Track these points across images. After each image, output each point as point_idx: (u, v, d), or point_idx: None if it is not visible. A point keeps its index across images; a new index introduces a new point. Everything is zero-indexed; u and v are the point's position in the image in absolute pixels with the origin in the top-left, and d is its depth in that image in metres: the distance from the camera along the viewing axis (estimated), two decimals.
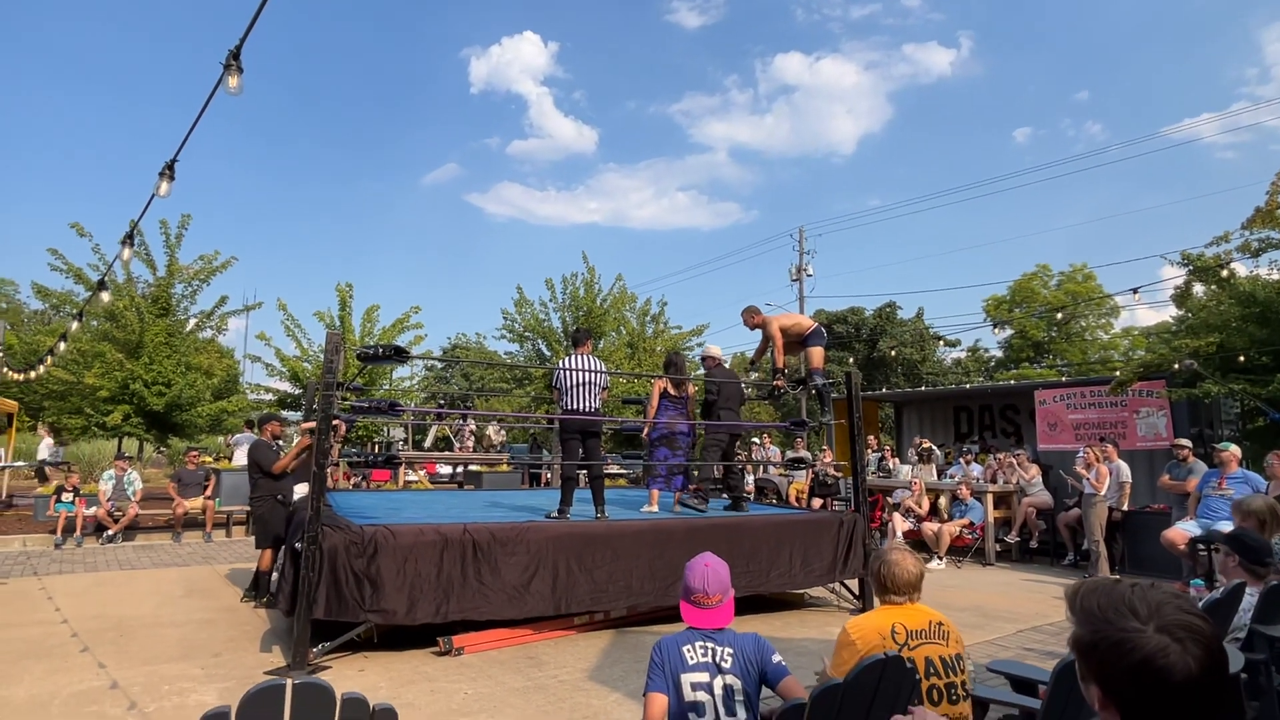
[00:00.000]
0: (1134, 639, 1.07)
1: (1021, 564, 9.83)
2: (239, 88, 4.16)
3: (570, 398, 6.25)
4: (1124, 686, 1.09)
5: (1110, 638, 1.10)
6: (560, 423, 6.52)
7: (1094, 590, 1.20)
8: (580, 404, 6.24)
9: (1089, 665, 1.15)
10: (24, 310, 36.03)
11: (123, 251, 7.82)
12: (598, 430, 6.55)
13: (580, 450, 6.39)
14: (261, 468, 6.87)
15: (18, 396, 16.63)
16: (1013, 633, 6.04)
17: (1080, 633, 1.16)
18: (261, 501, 6.93)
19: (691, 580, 2.54)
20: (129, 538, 10.55)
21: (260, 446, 7.01)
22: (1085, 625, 1.15)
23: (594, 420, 6.38)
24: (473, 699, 4.28)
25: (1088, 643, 1.14)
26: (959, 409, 13.94)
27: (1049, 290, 35.91)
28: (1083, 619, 1.17)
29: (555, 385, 6.43)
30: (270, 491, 6.90)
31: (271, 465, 6.84)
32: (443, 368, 40.87)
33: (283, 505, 6.93)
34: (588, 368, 6.27)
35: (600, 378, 6.35)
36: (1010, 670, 3.24)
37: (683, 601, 2.56)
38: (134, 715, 3.97)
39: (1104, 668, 1.12)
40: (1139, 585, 1.17)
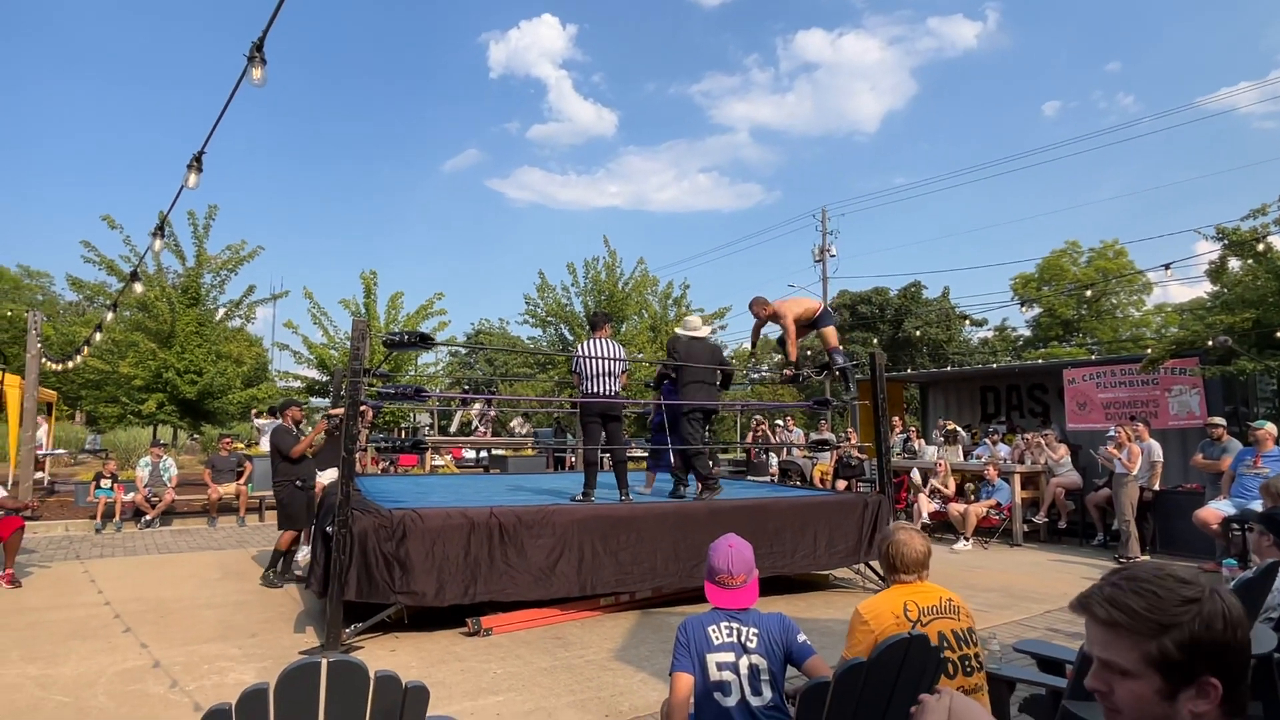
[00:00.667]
0: (1209, 604, 1.06)
1: (1050, 545, 9.74)
2: (263, 79, 4.20)
3: (591, 382, 6.29)
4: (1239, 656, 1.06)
5: (1208, 610, 1.05)
6: (581, 406, 6.55)
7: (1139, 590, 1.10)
8: (600, 387, 6.27)
9: (1200, 657, 1.04)
10: (59, 302, 36.85)
11: (154, 243, 7.96)
12: (619, 413, 6.56)
13: (602, 434, 6.42)
14: (281, 452, 6.98)
15: (56, 386, 17.07)
16: (1040, 613, 6.00)
17: (1175, 634, 1.05)
18: (282, 486, 7.05)
19: (716, 561, 2.55)
20: (166, 522, 10.82)
21: (281, 432, 7.11)
22: (1174, 620, 1.05)
23: (614, 403, 6.40)
24: (502, 678, 4.35)
25: (1193, 633, 1.04)
26: (986, 389, 13.78)
27: (1078, 267, 35.26)
28: (1163, 617, 1.06)
29: (575, 369, 6.46)
30: (290, 476, 7.01)
31: (290, 450, 6.95)
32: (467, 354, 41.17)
33: (301, 490, 7.04)
34: (607, 353, 6.29)
35: (620, 362, 6.37)
36: (1037, 650, 3.23)
37: (707, 582, 2.57)
38: (176, 693, 4.09)
39: (1216, 649, 1.04)
40: (1143, 566, 1.15)
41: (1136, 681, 1.08)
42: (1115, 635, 1.10)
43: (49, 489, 13.59)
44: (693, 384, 6.67)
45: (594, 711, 3.86)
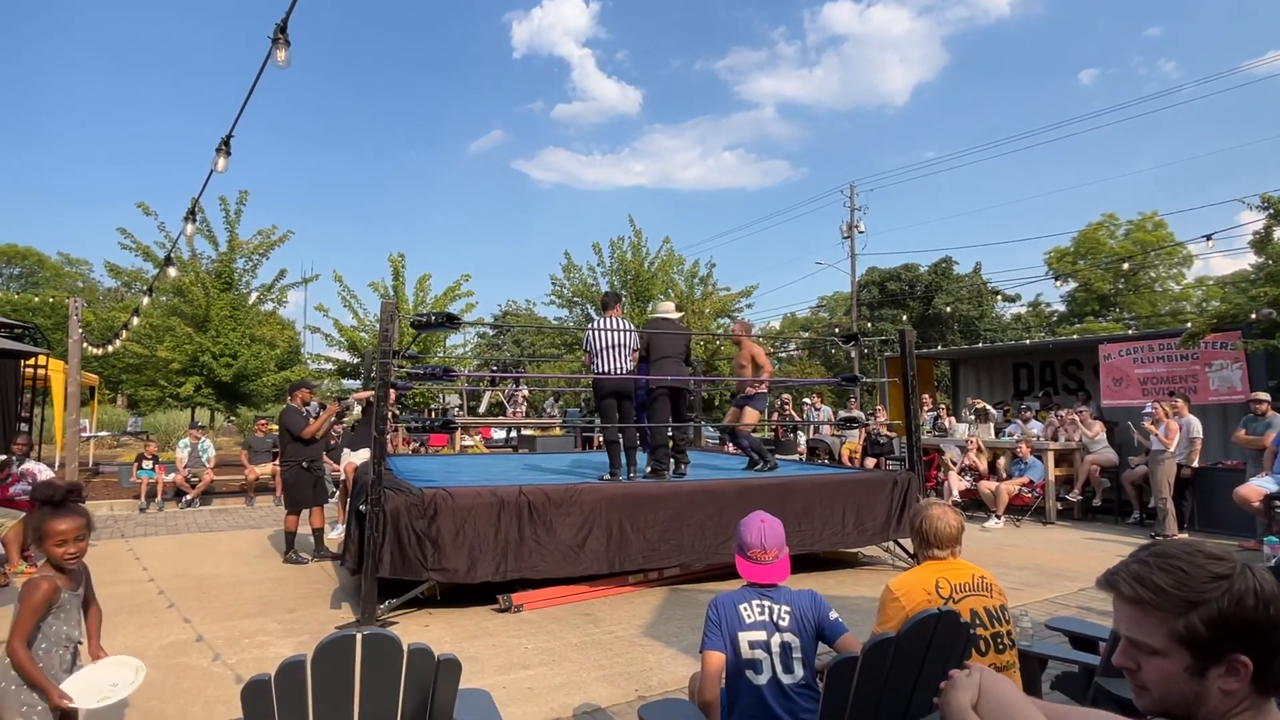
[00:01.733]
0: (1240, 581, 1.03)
1: (1084, 523, 9.61)
2: (287, 61, 4.23)
3: (601, 360, 6.29)
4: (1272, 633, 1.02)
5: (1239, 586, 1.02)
6: (595, 386, 6.56)
7: (1166, 566, 1.08)
8: (610, 366, 6.27)
9: (1231, 633, 1.02)
10: (99, 288, 37.74)
11: (186, 227, 8.10)
12: (630, 392, 6.57)
13: (616, 412, 6.44)
14: (291, 433, 6.99)
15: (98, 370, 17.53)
16: (1073, 591, 5.93)
17: (1203, 610, 1.03)
18: (289, 467, 7.08)
19: (748, 536, 2.54)
20: (205, 502, 11.11)
21: (290, 413, 7.12)
22: (1202, 596, 1.03)
23: (626, 382, 6.40)
24: (533, 653, 4.42)
25: (1222, 610, 1.02)
26: (1018, 365, 13.56)
27: (1116, 240, 34.44)
28: (1190, 594, 1.04)
29: (586, 348, 6.46)
30: (297, 457, 7.02)
31: (301, 430, 6.97)
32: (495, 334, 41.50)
33: (307, 471, 7.05)
34: (618, 328, 6.30)
35: (631, 338, 6.37)
36: (1069, 627, 3.20)
37: (739, 558, 2.56)
38: (219, 666, 4.22)
39: (1245, 626, 1.01)
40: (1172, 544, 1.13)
41: (1164, 659, 1.07)
42: (1142, 613, 1.09)
43: (94, 470, 14.02)
44: (659, 360, 6.67)
45: (624, 686, 3.90)
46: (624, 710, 3.58)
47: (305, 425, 7.05)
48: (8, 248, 42.90)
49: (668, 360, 6.67)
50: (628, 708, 3.59)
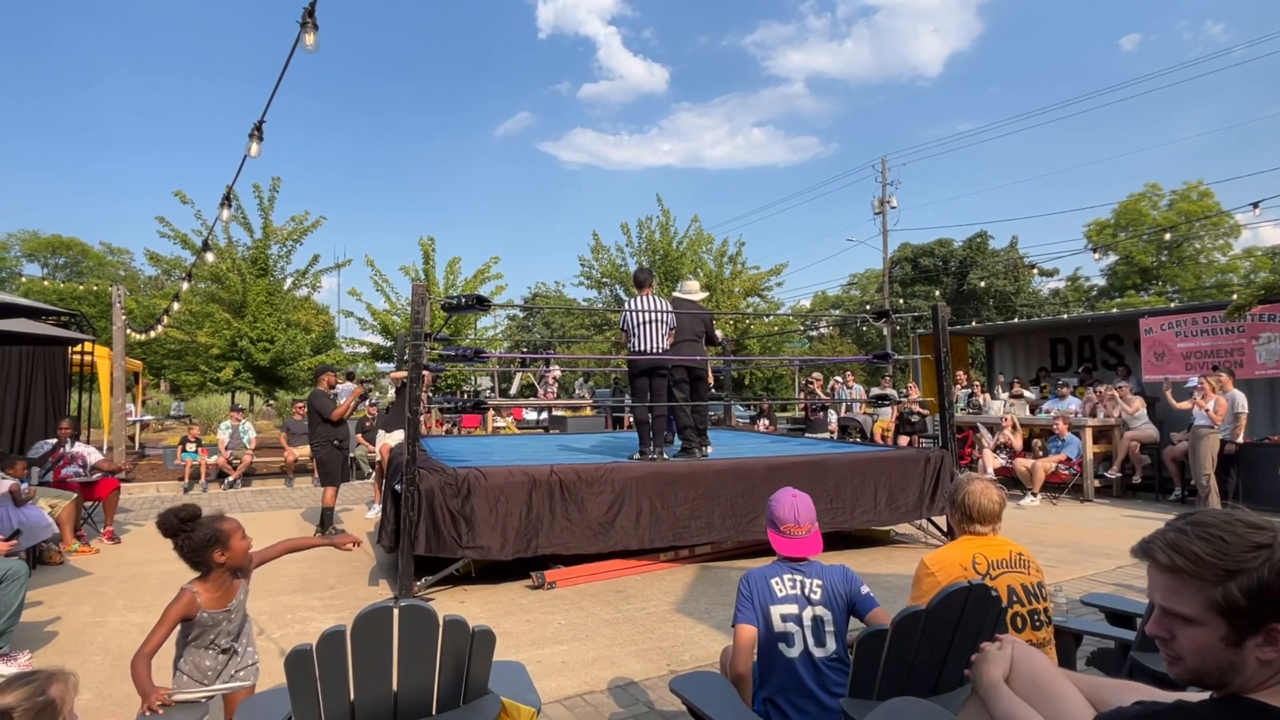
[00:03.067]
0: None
1: (1123, 500, 9.44)
2: (315, 45, 4.26)
3: (638, 338, 6.30)
4: None
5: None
6: (629, 364, 6.57)
7: (1207, 535, 1.07)
8: (648, 344, 6.28)
9: (1270, 603, 1.01)
10: (140, 276, 38.62)
11: (221, 213, 8.25)
12: (665, 370, 6.57)
13: (649, 391, 6.46)
14: (321, 415, 7.33)
15: (140, 357, 18.00)
16: (1111, 568, 5.85)
17: (1242, 580, 1.02)
18: (321, 446, 7.42)
19: (780, 511, 2.55)
20: (246, 483, 11.41)
21: (318, 396, 7.45)
22: (1241, 566, 1.03)
23: (660, 360, 6.40)
24: (566, 628, 4.49)
25: (1262, 580, 1.01)
26: (1055, 341, 13.29)
27: (1158, 211, 33.41)
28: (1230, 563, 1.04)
29: (624, 327, 6.46)
30: (329, 437, 7.38)
31: (330, 413, 7.31)
32: (524, 316, 41.74)
33: (339, 450, 7.40)
34: (656, 308, 6.29)
35: (668, 317, 6.36)
36: (1106, 603, 3.16)
37: (771, 533, 2.57)
38: (263, 640, 4.36)
39: None
40: (1223, 511, 1.11)
41: (1200, 628, 1.06)
42: (1179, 581, 1.08)
43: (140, 453, 14.46)
44: (680, 343, 6.65)
45: (656, 661, 3.95)
46: (656, 684, 3.63)
47: (334, 408, 7.35)
48: (53, 238, 44.13)
49: (685, 343, 6.66)
50: (659, 681, 3.64)
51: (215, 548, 2.57)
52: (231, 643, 2.66)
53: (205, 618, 2.55)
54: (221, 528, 2.58)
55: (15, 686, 1.53)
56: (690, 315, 6.73)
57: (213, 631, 2.58)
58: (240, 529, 2.61)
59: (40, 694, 1.52)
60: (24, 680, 1.55)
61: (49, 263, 44.86)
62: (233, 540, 2.60)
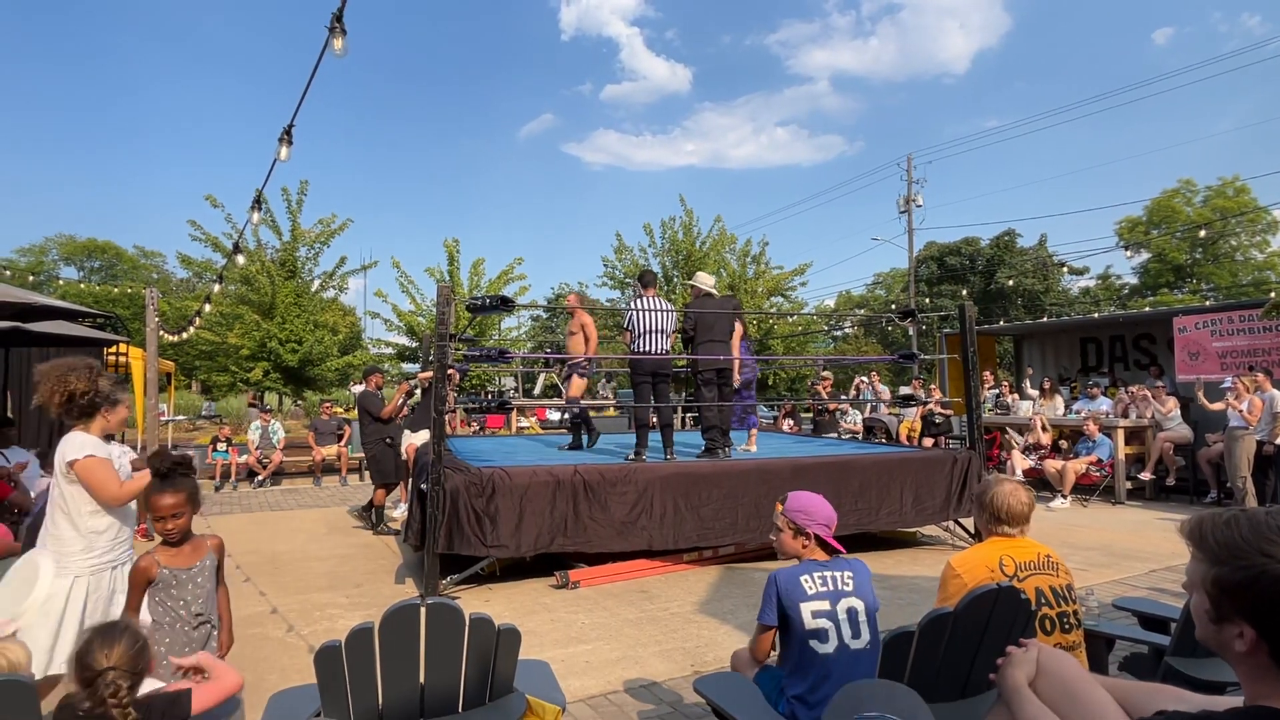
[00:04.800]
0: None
1: (1156, 502, 9.26)
2: (343, 50, 4.32)
3: (642, 339, 6.26)
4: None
5: (1271, 572, 1.05)
6: (632, 365, 6.54)
7: (1230, 522, 1.14)
8: (651, 345, 6.25)
9: (1240, 604, 1.09)
10: (172, 279, 39.39)
11: (252, 216, 8.39)
12: (668, 372, 6.55)
13: (652, 393, 6.42)
14: (371, 414, 7.55)
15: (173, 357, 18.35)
16: (1144, 572, 5.74)
17: (1224, 571, 1.11)
18: (373, 445, 7.65)
19: (823, 511, 2.58)
20: (275, 482, 11.59)
21: (367, 396, 7.71)
22: (1232, 561, 1.10)
23: (665, 362, 6.38)
24: (589, 628, 4.51)
25: (1240, 580, 1.08)
26: (1086, 340, 13.06)
27: (1193, 208, 32.70)
28: (1224, 554, 1.12)
29: (628, 327, 6.41)
30: (380, 435, 7.60)
31: (380, 411, 7.53)
32: (548, 317, 41.90)
33: (390, 447, 7.58)
34: (659, 308, 6.28)
35: (671, 318, 6.35)
36: (1139, 608, 3.10)
37: (824, 534, 2.58)
38: (292, 637, 4.43)
39: (1263, 606, 1.06)
40: (1274, 511, 1.11)
41: (1198, 595, 1.18)
42: (1192, 550, 1.21)
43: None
44: (705, 343, 6.61)
45: (679, 661, 3.95)
46: (680, 684, 3.62)
47: (382, 406, 7.59)
48: (88, 242, 45.14)
49: (716, 343, 6.62)
50: (684, 682, 3.63)
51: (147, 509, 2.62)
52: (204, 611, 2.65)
53: (167, 575, 2.57)
54: (151, 499, 2.60)
55: (116, 637, 1.72)
56: (718, 314, 6.70)
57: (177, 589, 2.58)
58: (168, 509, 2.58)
59: (137, 640, 1.74)
60: (119, 631, 1.74)
61: (85, 266, 45.91)
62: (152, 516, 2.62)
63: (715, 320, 6.65)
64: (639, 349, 6.27)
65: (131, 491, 2.88)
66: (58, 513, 2.82)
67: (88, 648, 1.70)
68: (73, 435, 2.85)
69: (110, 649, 1.68)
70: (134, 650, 1.73)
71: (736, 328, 7.09)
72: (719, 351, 6.62)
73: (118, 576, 2.88)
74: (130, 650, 1.72)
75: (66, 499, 2.81)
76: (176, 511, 2.58)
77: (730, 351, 6.82)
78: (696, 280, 7.05)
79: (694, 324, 6.67)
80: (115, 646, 1.70)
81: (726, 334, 6.75)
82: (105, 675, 1.64)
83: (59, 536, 2.81)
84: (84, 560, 2.80)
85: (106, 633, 1.74)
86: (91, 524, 2.82)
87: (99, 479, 2.79)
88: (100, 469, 2.80)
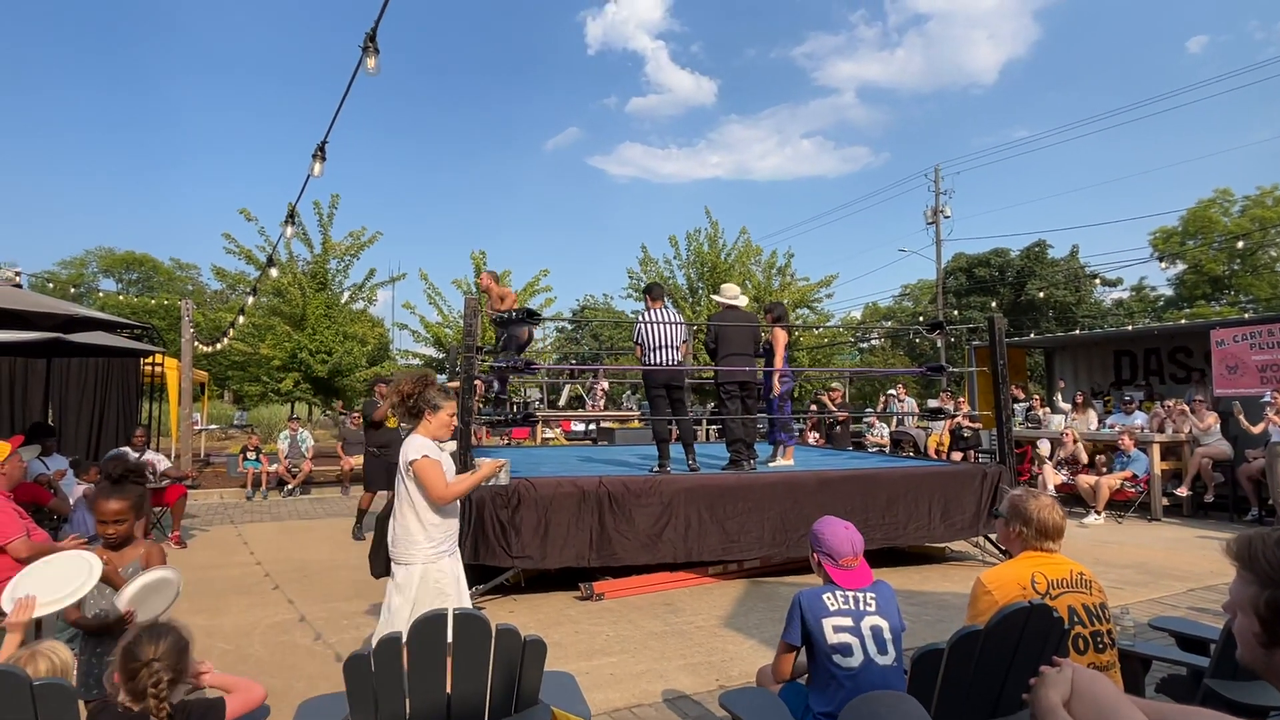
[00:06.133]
0: None
1: (1194, 520, 9.02)
2: (376, 68, 4.41)
3: (652, 352, 6.21)
4: None
5: None
6: (645, 379, 6.50)
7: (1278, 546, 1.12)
8: (663, 358, 6.19)
9: None
10: (206, 291, 40.14)
11: (285, 230, 8.58)
12: (682, 383, 6.51)
13: (667, 405, 6.38)
14: (366, 419, 7.93)
15: (206, 368, 18.70)
16: (1182, 591, 5.59)
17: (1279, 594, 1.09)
18: (365, 451, 7.99)
19: (836, 544, 2.51)
20: (305, 491, 11.74)
21: (368, 404, 8.10)
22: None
23: (677, 373, 6.35)
24: (614, 640, 4.49)
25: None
26: (1120, 353, 12.81)
27: (1230, 218, 32.01)
28: (1279, 575, 1.09)
29: (638, 341, 6.33)
30: (371, 443, 7.85)
31: (373, 416, 7.78)
32: (573, 329, 42.06)
33: (377, 457, 7.69)
34: (669, 320, 6.24)
35: (680, 331, 6.29)
36: (1177, 628, 3.02)
37: (829, 567, 2.55)
38: (320, 645, 4.47)
39: None
40: None
41: (1245, 618, 1.17)
42: (1238, 570, 1.21)
43: (205, 461, 15.00)
44: (729, 356, 6.54)
45: (704, 675, 3.92)
46: (706, 698, 3.60)
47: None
48: (126, 255, 46.25)
49: (737, 356, 6.55)
50: (709, 696, 3.61)
51: None
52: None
53: None
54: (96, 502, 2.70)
55: (163, 634, 1.84)
56: (739, 328, 6.67)
57: None
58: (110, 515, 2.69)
59: (181, 641, 1.87)
60: (167, 629, 1.87)
61: (123, 278, 47.02)
62: None
63: (736, 333, 6.60)
64: (650, 362, 6.24)
65: (457, 492, 3.26)
66: (404, 506, 3.23)
67: (136, 641, 1.82)
68: (412, 437, 3.28)
69: (157, 644, 1.80)
70: (177, 649, 1.84)
71: (779, 337, 7.03)
72: (740, 364, 6.56)
73: (447, 564, 3.28)
74: (174, 648, 1.83)
75: (411, 494, 3.21)
76: (119, 517, 2.69)
77: (753, 365, 6.77)
78: (720, 292, 7.01)
79: (715, 337, 6.63)
80: (161, 642, 1.81)
81: (748, 347, 6.68)
82: (150, 665, 1.74)
83: (406, 527, 3.22)
84: (426, 549, 3.21)
85: (155, 629, 1.86)
86: (429, 517, 3.22)
87: (429, 478, 3.16)
88: (431, 469, 3.18)
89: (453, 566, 3.33)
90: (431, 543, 3.23)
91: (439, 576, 3.24)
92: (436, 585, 3.22)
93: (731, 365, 6.54)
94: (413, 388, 3.37)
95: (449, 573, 3.29)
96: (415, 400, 3.35)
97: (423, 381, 3.41)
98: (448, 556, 3.32)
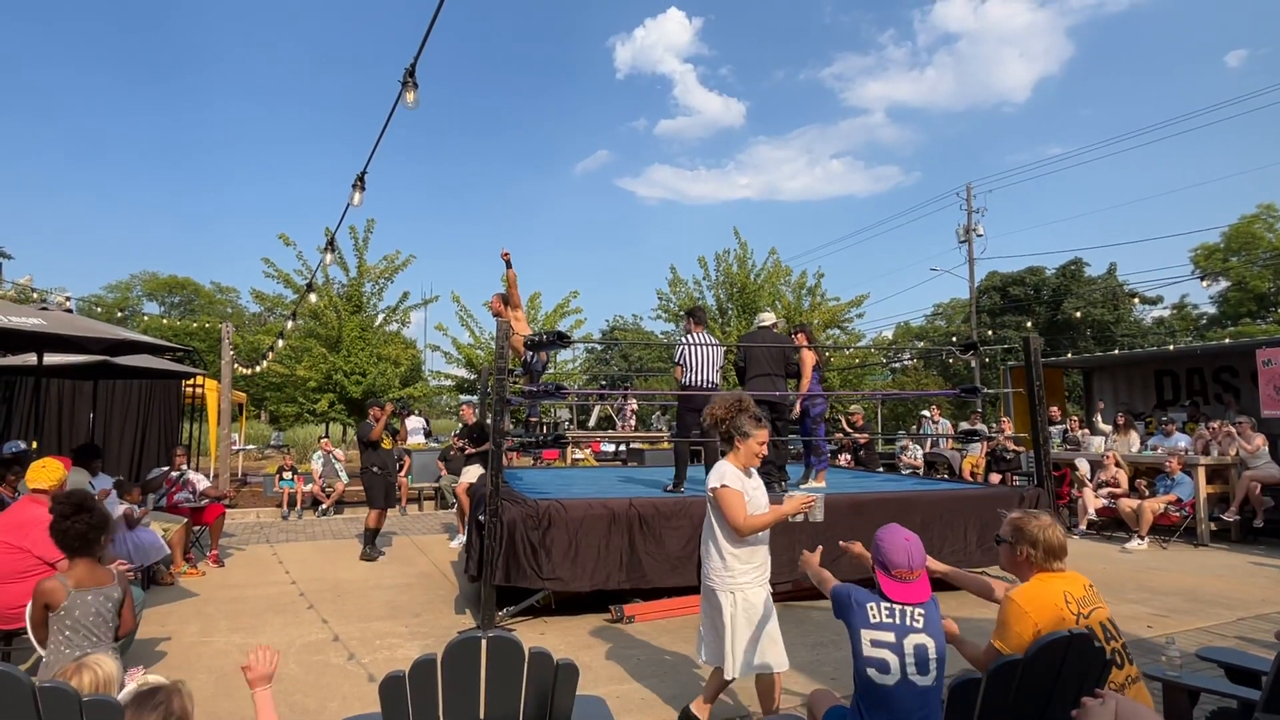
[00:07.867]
0: None
1: (1244, 546, 8.72)
2: (415, 102, 4.52)
3: (694, 374, 6.29)
4: None
5: None
6: (681, 400, 6.55)
7: None
8: (703, 379, 6.27)
9: None
10: (245, 313, 41.11)
11: (325, 257, 8.77)
12: None
13: (698, 427, 6.39)
14: (361, 440, 8.10)
15: (244, 388, 19.10)
16: (1231, 620, 5.40)
17: None
18: (364, 471, 8.12)
19: (894, 554, 2.47)
20: (339, 511, 11.88)
21: (364, 426, 8.22)
22: None
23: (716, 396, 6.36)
24: (645, 664, 4.47)
25: None
26: (1161, 373, 12.51)
27: (1275, 234, 31.17)
28: None
29: (679, 361, 6.42)
30: (369, 463, 8.02)
31: (367, 437, 8.04)
32: (602, 350, 42.23)
33: (378, 475, 7.96)
34: (710, 343, 6.34)
35: (719, 354, 6.39)
36: (1226, 659, 2.93)
37: (880, 575, 2.50)
38: (353, 665, 4.51)
39: None
40: None
41: None
42: None
43: (243, 480, 15.28)
44: (755, 377, 6.56)
45: (736, 700, 3.88)
46: None
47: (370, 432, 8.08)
48: (169, 279, 47.59)
49: (763, 378, 6.56)
50: None
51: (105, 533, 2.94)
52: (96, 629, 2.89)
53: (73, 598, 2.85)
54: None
55: (148, 707, 1.76)
56: (765, 348, 6.66)
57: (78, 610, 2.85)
58: None
59: (170, 712, 1.80)
60: (152, 700, 1.79)
61: (165, 301, 48.34)
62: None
63: (762, 354, 6.61)
64: (690, 383, 6.28)
65: (756, 525, 3.13)
66: (708, 530, 3.21)
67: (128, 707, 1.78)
68: (720, 463, 3.22)
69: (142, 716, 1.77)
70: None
71: (807, 358, 7.01)
72: (766, 386, 6.55)
73: (755, 596, 3.22)
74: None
75: (713, 521, 3.19)
76: None
77: (782, 386, 6.75)
78: (758, 317, 7.11)
79: (744, 357, 6.72)
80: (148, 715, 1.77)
81: (775, 368, 6.67)
82: None
83: (709, 552, 3.21)
84: (726, 577, 3.16)
85: (145, 697, 1.82)
86: (727, 547, 3.15)
87: (728, 507, 3.09)
88: (731, 499, 3.09)
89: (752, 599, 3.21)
90: (730, 573, 3.17)
91: (747, 606, 3.17)
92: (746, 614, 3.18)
93: (759, 386, 6.54)
94: (725, 412, 3.25)
95: (756, 604, 3.21)
96: (727, 425, 3.25)
97: (735, 406, 3.27)
98: (755, 587, 3.22)
